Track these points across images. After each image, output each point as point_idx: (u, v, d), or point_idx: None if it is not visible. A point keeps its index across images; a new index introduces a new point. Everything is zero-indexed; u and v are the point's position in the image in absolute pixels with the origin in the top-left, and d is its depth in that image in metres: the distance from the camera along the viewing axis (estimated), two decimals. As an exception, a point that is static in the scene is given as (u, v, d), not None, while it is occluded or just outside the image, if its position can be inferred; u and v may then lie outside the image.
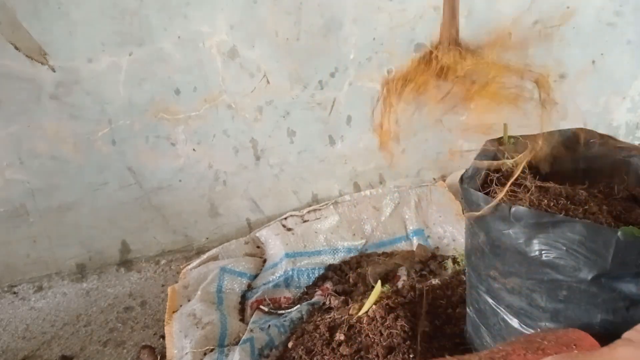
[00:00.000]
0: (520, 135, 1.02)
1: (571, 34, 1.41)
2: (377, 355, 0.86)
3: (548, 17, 1.36)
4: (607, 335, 0.57)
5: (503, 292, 0.73)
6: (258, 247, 1.35)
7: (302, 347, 0.93)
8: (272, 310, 1.10)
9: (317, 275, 1.21)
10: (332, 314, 1.00)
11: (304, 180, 1.44)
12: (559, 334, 0.63)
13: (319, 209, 1.40)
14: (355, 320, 0.94)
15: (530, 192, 0.71)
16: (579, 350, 0.58)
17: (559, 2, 1.35)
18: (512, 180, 0.71)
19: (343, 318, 0.96)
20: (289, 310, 1.09)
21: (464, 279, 0.99)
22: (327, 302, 1.08)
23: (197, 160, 1.32)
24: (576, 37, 1.41)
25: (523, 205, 0.67)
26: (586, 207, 0.70)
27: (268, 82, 1.28)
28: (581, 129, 1.01)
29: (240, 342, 0.97)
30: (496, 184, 0.74)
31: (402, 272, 1.17)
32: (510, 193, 0.72)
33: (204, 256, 1.27)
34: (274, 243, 1.30)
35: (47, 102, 1.16)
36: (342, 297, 1.08)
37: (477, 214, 0.72)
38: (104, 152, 1.25)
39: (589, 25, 1.41)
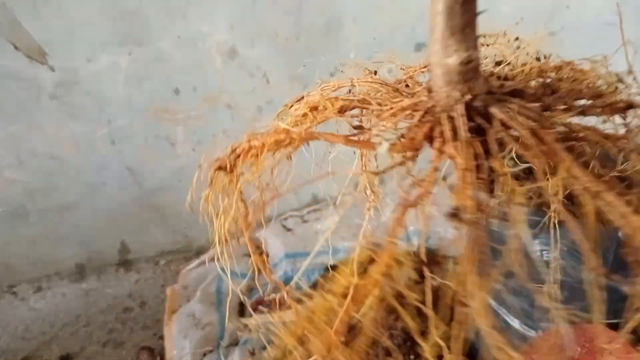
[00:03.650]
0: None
1: (571, 34, 1.40)
2: (377, 356, 0.86)
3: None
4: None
5: (504, 292, 0.73)
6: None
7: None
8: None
9: (317, 275, 1.20)
10: (332, 315, 0.99)
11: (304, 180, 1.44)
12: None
13: (319, 209, 1.40)
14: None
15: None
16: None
17: (559, 2, 1.35)
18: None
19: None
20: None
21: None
22: (327, 303, 1.08)
23: (196, 160, 1.32)
24: (576, 37, 1.41)
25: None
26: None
27: (268, 81, 1.28)
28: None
29: (240, 342, 0.97)
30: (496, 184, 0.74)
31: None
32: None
33: (204, 257, 1.27)
34: (274, 243, 1.30)
35: (46, 102, 1.16)
36: (342, 298, 1.08)
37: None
38: (104, 152, 1.24)
39: (589, 25, 1.40)
